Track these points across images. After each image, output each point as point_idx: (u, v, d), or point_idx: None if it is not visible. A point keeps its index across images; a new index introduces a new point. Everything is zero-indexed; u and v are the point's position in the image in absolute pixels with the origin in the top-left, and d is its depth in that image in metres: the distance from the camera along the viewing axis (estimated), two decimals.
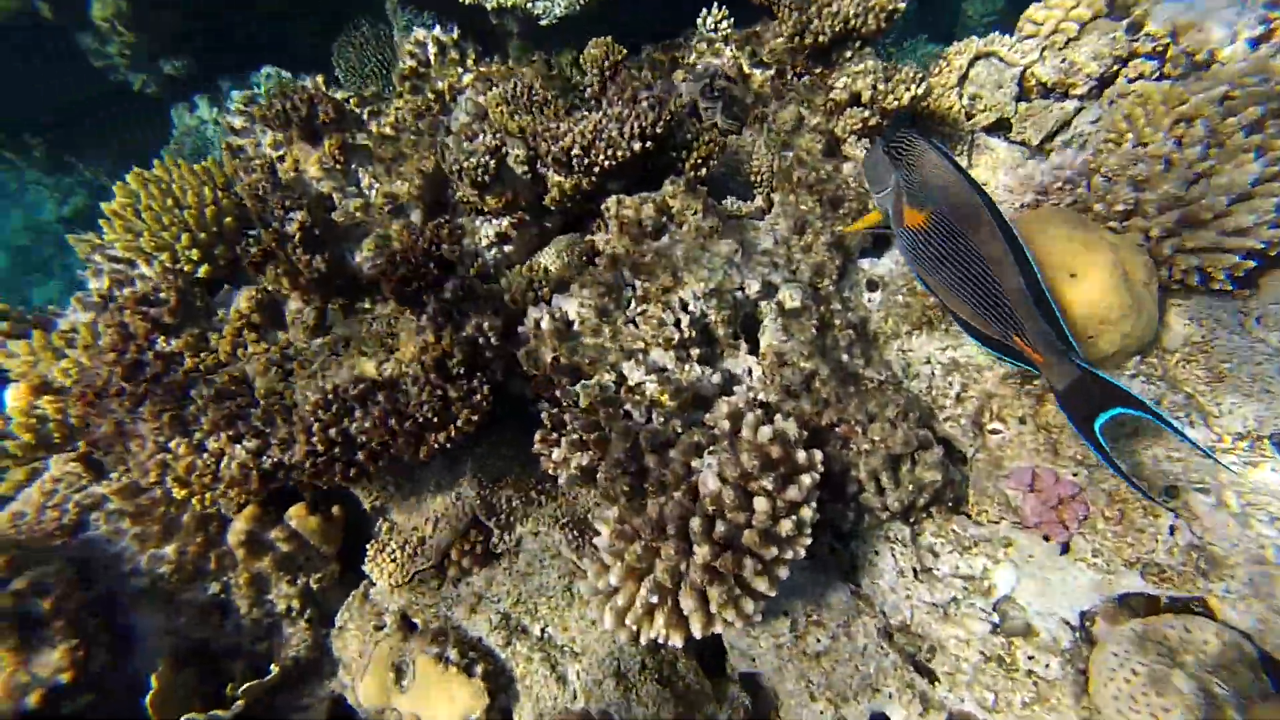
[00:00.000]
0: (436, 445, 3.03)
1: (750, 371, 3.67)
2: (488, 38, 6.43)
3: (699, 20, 5.45)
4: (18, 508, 3.56)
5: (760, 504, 2.76)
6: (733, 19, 5.39)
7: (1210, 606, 2.73)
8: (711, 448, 3.12)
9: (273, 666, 3.42)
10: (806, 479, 2.97)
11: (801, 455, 3.04)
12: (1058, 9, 4.59)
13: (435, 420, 3.02)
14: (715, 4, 5.40)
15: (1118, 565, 2.92)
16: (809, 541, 2.83)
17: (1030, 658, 2.93)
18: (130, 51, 9.65)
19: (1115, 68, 4.43)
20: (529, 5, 5.84)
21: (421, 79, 5.83)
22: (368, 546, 3.80)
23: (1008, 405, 3.39)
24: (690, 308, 3.62)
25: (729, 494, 2.84)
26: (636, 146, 4.02)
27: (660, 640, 2.70)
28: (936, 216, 2.44)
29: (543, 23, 5.84)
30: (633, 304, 3.59)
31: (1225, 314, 3.42)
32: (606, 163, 3.99)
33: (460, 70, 5.71)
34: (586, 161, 4.00)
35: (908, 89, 4.29)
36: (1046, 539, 3.07)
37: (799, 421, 3.35)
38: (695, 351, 3.47)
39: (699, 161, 4.28)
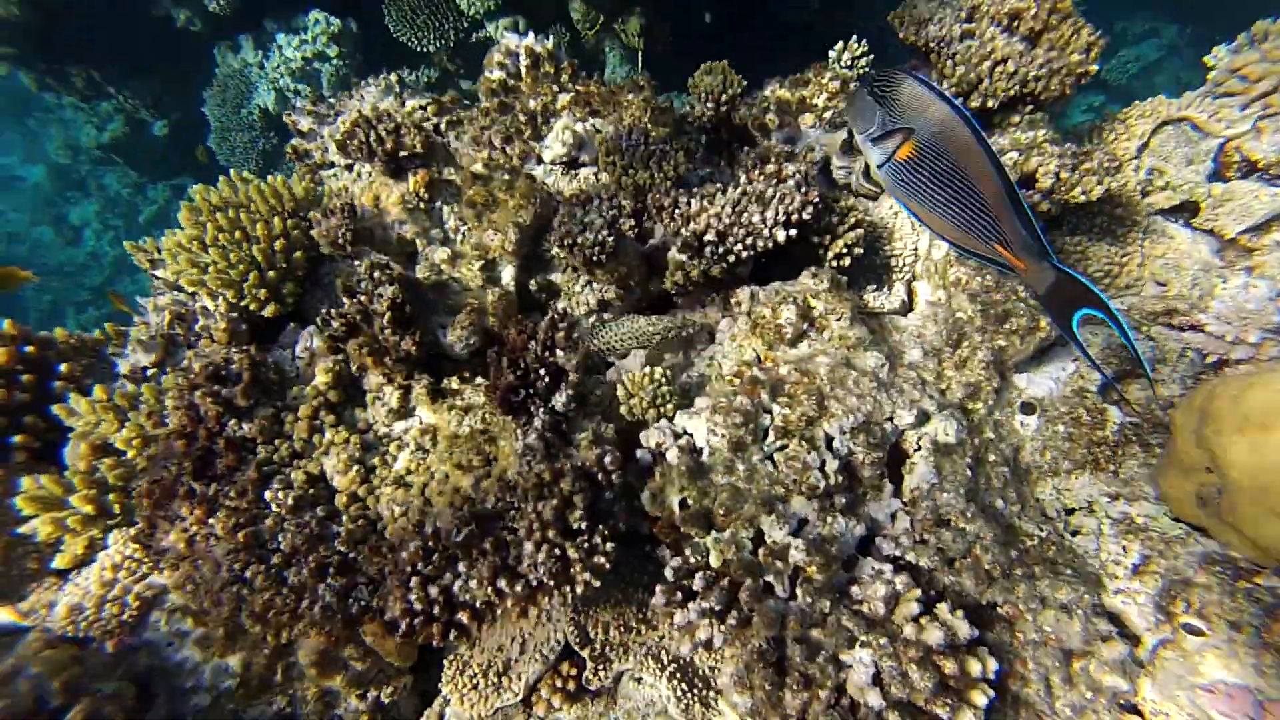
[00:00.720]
0: (548, 608, 2.61)
1: (894, 517, 3.19)
2: None
3: (831, 54, 4.76)
4: (76, 599, 3.24)
5: None
6: (873, 55, 4.70)
7: None
8: (864, 638, 2.67)
9: None
10: (980, 699, 2.52)
11: (975, 666, 2.58)
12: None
13: (550, 583, 2.60)
14: (852, 37, 4.69)
15: None
16: None
17: None
18: None
19: None
20: None
21: (511, 94, 5.21)
22: (445, 662, 3.44)
23: (1213, 603, 2.89)
24: (835, 444, 3.12)
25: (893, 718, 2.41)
26: (781, 236, 3.46)
27: None
28: (922, 142, 2.50)
29: None
30: (770, 434, 3.09)
31: None
32: (744, 253, 3.44)
33: (555, 88, 5.08)
34: (721, 249, 3.45)
35: (1099, 182, 3.65)
36: None
37: (957, 600, 2.89)
38: (840, 500, 2.99)
39: (843, 251, 3.71)
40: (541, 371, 3.11)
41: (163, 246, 3.98)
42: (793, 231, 3.45)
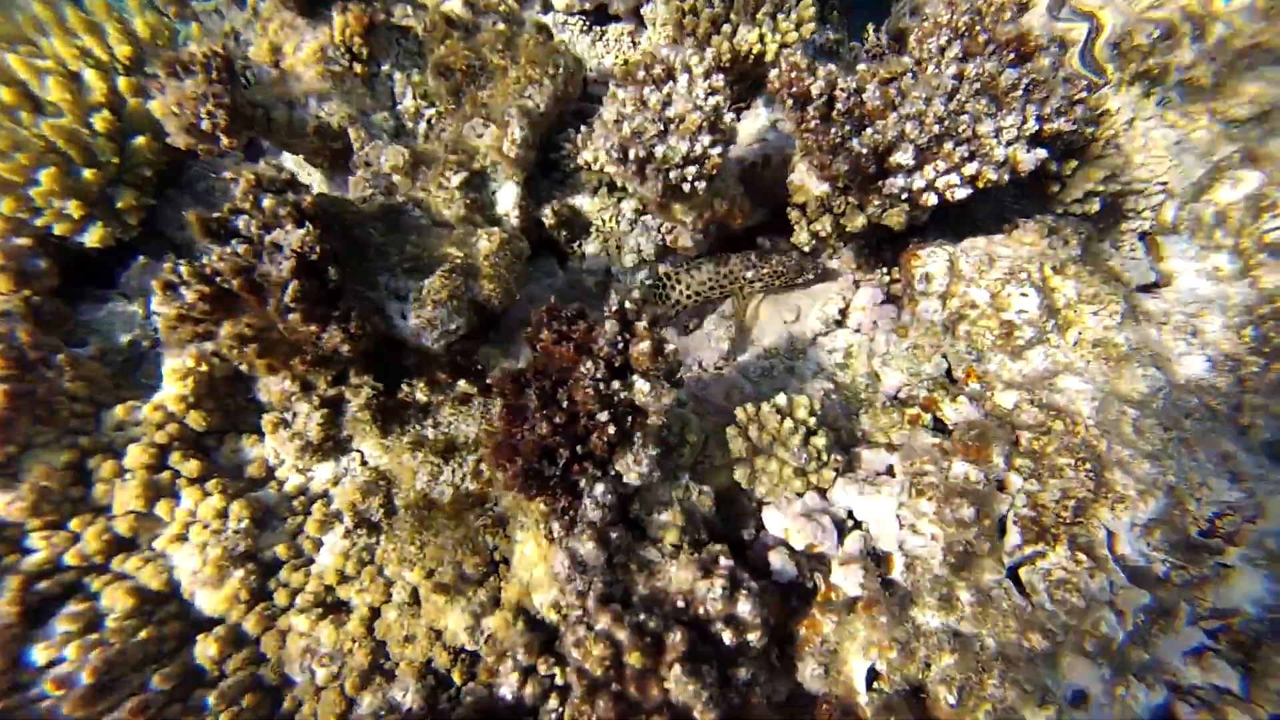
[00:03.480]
0: None
1: (1199, 658, 1.89)
2: None
3: None
4: None
5: None
6: None
7: None
8: None
9: None
10: None
11: None
12: None
13: None
14: None
15: None
16: None
17: None
18: None
19: None
20: None
21: None
22: None
23: None
24: (1125, 549, 1.76)
25: None
26: (1028, 159, 1.89)
27: None
28: None
29: None
30: (1010, 530, 1.70)
31: None
32: (958, 189, 1.87)
33: None
34: (918, 181, 1.86)
35: None
36: None
37: None
38: (1140, 655, 1.66)
39: (1094, 189, 2.17)
40: (603, 417, 1.58)
41: None
42: (1043, 153, 1.88)
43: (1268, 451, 2.22)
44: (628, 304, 1.72)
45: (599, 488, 1.68)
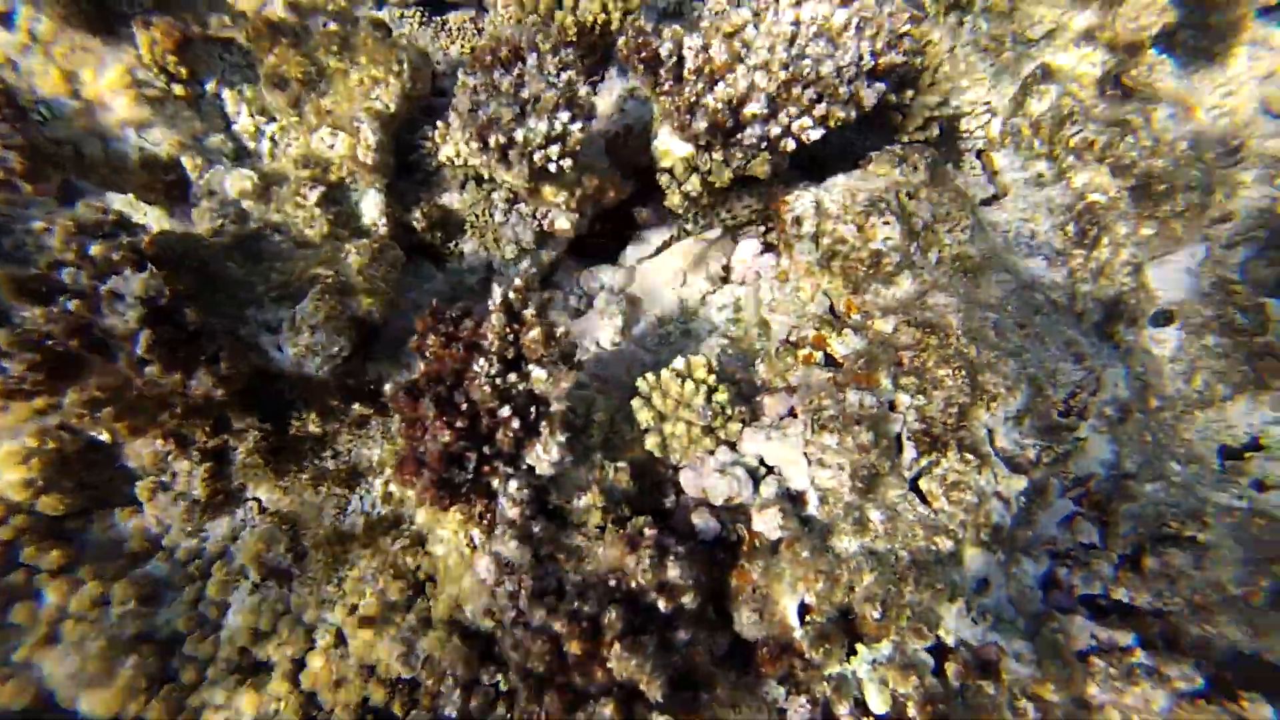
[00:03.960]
0: None
1: (1071, 524, 2.12)
2: None
3: None
4: None
5: None
6: None
7: None
8: None
9: None
10: None
11: None
12: None
13: None
14: None
15: None
16: None
17: None
18: None
19: None
20: None
21: None
22: None
23: None
24: (1001, 440, 1.94)
25: None
26: (870, 96, 1.98)
27: None
28: None
29: None
30: (905, 446, 1.84)
31: None
32: (812, 130, 1.95)
33: None
34: (772, 129, 1.92)
35: None
36: None
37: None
38: (1026, 535, 1.84)
39: (932, 115, 2.33)
40: (505, 413, 1.55)
41: None
42: (881, 86, 1.99)
43: (1098, 332, 2.49)
44: (512, 294, 1.68)
45: (512, 484, 1.66)
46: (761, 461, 1.90)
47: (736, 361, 2.21)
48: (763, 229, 2.41)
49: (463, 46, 3.05)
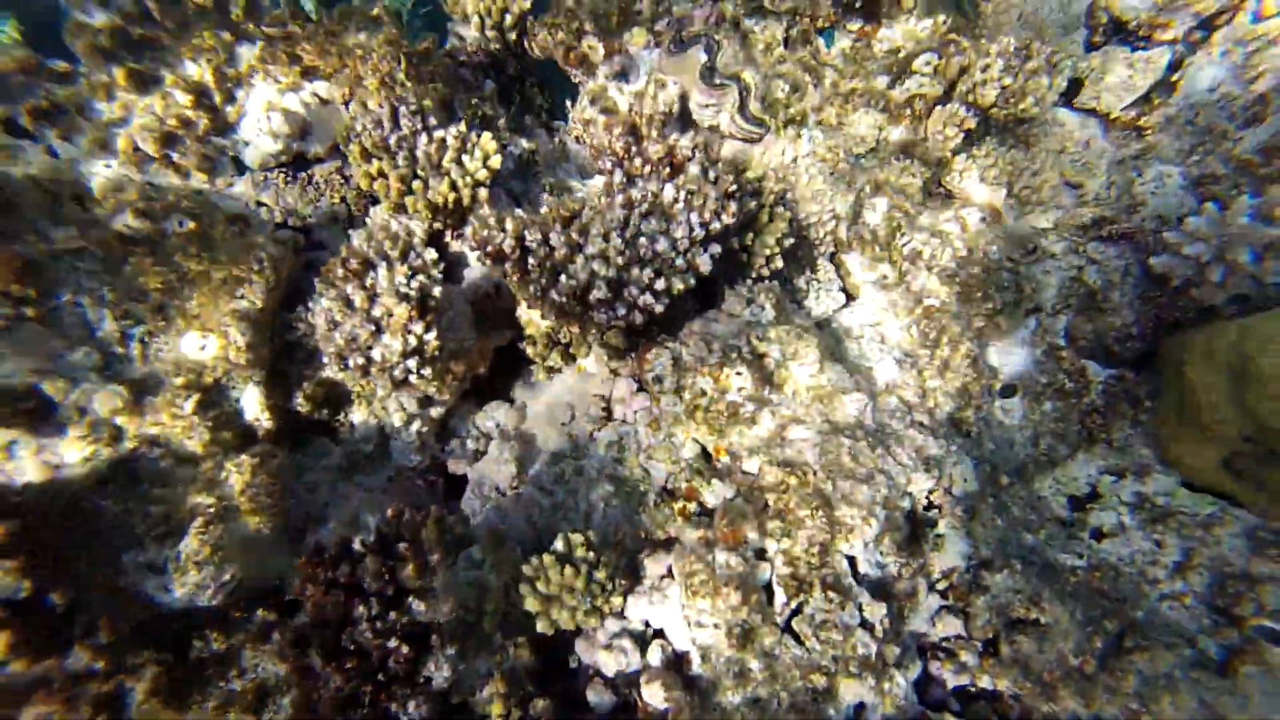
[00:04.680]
0: None
1: (936, 618, 2.35)
2: None
3: None
4: None
5: None
6: None
7: None
8: None
9: None
10: None
11: None
12: None
13: None
14: None
15: None
16: None
17: None
18: None
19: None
20: None
21: (150, 54, 3.05)
22: None
23: None
24: (863, 566, 2.14)
25: None
26: (706, 264, 2.16)
27: None
28: None
29: None
30: (777, 590, 2.01)
31: None
32: (655, 304, 2.11)
33: (227, 36, 3.04)
34: (618, 310, 2.07)
35: (1050, 86, 2.81)
36: None
37: None
38: (894, 651, 2.05)
39: (774, 251, 2.53)
40: (393, 644, 1.64)
41: None
42: (717, 249, 2.17)
43: (951, 422, 2.76)
44: (384, 528, 1.78)
45: (411, 705, 1.75)
46: (647, 624, 2.05)
47: (621, 513, 2.35)
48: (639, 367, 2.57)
49: (331, 196, 3.11)
